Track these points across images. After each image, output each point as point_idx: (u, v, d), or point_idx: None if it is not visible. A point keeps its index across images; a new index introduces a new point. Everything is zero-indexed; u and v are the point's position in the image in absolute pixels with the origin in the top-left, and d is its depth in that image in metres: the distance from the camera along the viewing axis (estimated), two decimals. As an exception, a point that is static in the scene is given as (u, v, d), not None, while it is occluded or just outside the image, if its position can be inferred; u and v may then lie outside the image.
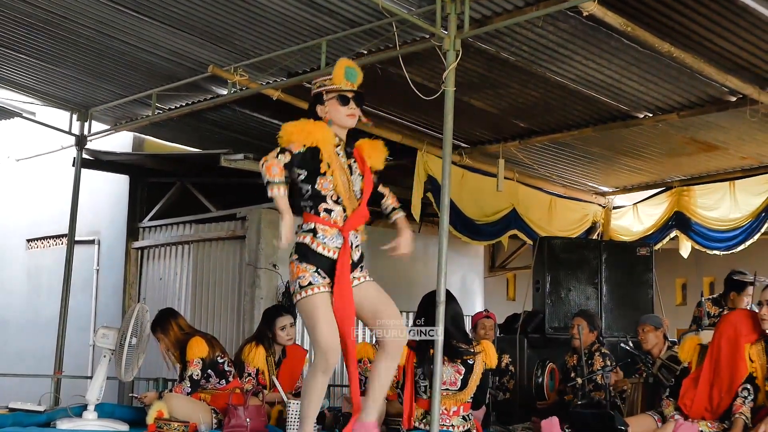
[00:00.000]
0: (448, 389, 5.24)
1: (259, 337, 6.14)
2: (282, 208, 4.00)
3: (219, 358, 5.71)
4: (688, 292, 11.69)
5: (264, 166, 3.99)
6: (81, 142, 8.67)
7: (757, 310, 5.16)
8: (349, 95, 4.27)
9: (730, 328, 5.07)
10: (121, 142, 9.70)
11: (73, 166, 8.85)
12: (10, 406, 5.50)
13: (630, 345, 6.51)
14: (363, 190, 4.29)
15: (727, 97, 7.04)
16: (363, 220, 4.29)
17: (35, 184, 11.26)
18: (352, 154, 4.33)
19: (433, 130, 8.14)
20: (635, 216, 10.18)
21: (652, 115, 7.54)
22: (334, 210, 4.18)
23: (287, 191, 4.04)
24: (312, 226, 4.15)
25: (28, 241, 11.55)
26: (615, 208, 10.51)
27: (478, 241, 9.55)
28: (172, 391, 5.56)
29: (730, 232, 8.97)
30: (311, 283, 4.10)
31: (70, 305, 8.57)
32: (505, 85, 7.06)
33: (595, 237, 10.26)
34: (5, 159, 11.71)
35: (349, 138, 4.36)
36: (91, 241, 10.33)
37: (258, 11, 5.96)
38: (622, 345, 6.53)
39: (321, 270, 4.12)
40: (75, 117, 8.68)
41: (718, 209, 9.13)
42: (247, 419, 5.21)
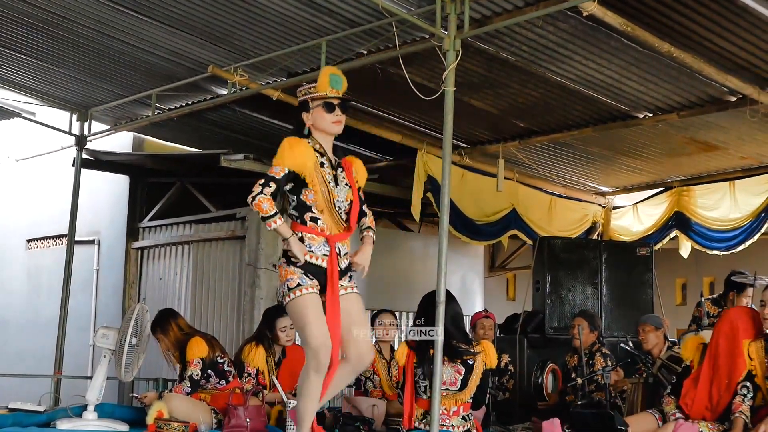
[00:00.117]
0: (448, 389, 5.25)
1: (259, 338, 6.14)
2: (286, 234, 4.17)
3: (219, 358, 5.71)
4: (688, 292, 11.69)
5: (254, 204, 4.12)
6: (81, 142, 8.68)
7: (757, 309, 5.17)
8: (334, 102, 4.32)
9: (728, 325, 5.07)
10: (120, 142, 9.70)
11: (73, 166, 8.86)
12: (10, 406, 5.50)
13: (630, 345, 6.51)
14: (351, 202, 4.35)
15: (727, 97, 7.03)
16: (350, 233, 4.37)
17: (35, 184, 11.26)
18: (340, 164, 4.39)
19: (433, 130, 8.14)
20: (635, 216, 10.18)
21: (652, 115, 7.54)
22: (320, 218, 4.26)
23: (282, 219, 4.17)
24: (299, 235, 4.23)
25: (28, 241, 11.55)
26: (615, 208, 10.51)
27: (478, 241, 9.55)
28: (172, 391, 5.57)
29: (730, 232, 8.97)
30: (300, 284, 4.17)
31: (70, 305, 8.57)
32: (505, 85, 7.06)
33: (595, 237, 10.26)
34: (5, 159, 11.71)
35: (336, 146, 4.43)
36: (91, 241, 10.33)
37: (258, 11, 5.96)
38: (622, 345, 6.53)
39: (309, 273, 4.20)
40: (75, 117, 8.69)
41: (718, 209, 9.13)
42: (247, 419, 5.21)
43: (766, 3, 5.35)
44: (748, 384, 4.87)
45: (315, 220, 4.25)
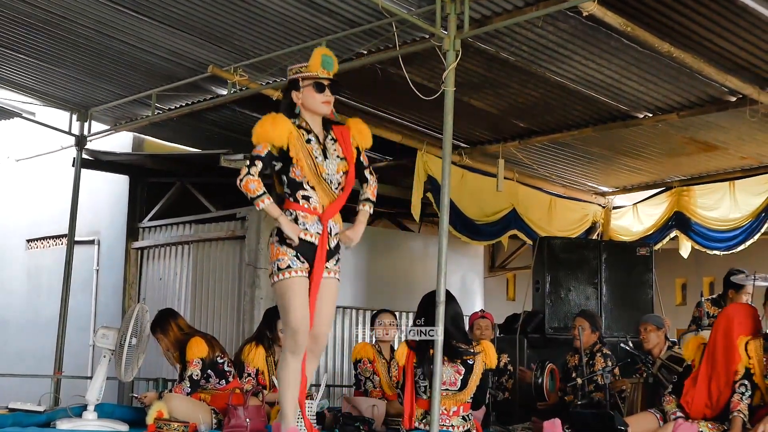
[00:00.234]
0: (447, 389, 5.24)
1: (259, 338, 6.15)
2: (274, 214, 4.20)
3: (219, 359, 5.71)
4: (688, 292, 11.68)
5: (242, 186, 4.17)
6: (81, 142, 8.68)
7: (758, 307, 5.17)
8: (325, 83, 4.36)
9: (725, 321, 5.08)
10: (120, 142, 9.70)
11: (72, 166, 8.85)
12: (10, 406, 5.50)
13: (630, 345, 6.51)
14: (345, 173, 4.35)
15: (727, 97, 7.04)
16: (340, 207, 4.37)
17: (35, 184, 11.25)
18: (334, 137, 4.38)
19: (433, 130, 8.14)
20: (635, 216, 10.18)
21: (651, 115, 7.54)
22: (312, 197, 4.28)
23: (270, 199, 4.20)
24: (294, 214, 4.26)
25: (28, 241, 11.54)
26: (615, 208, 10.52)
27: (478, 241, 9.55)
28: (172, 391, 5.57)
29: (730, 232, 8.98)
30: (290, 266, 4.22)
31: (70, 305, 8.57)
32: (505, 85, 7.06)
33: (595, 237, 10.27)
34: (5, 159, 11.70)
35: (325, 122, 4.43)
36: (91, 241, 10.32)
37: (258, 11, 5.96)
38: (622, 345, 6.53)
39: (301, 255, 4.23)
40: (75, 117, 8.69)
41: (718, 209, 9.13)
42: (247, 419, 5.21)
43: (766, 3, 5.35)
44: (746, 382, 4.86)
45: (307, 198, 4.27)
